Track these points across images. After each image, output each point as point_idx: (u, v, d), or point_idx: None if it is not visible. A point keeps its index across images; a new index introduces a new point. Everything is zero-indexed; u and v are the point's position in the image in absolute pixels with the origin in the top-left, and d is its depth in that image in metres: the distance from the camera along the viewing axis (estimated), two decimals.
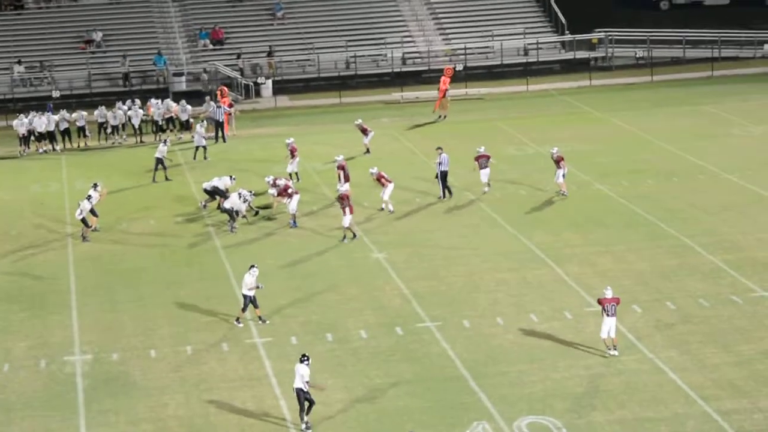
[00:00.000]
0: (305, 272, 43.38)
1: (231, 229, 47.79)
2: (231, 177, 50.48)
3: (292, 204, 48.22)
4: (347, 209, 46.10)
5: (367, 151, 59.51)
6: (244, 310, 38.75)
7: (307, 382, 31.68)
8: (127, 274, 43.94)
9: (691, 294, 40.27)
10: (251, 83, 74.86)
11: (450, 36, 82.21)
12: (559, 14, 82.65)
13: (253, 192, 49.15)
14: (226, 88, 68.53)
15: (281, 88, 75.42)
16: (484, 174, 52.51)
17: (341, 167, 50.95)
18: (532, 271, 43.03)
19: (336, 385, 34.45)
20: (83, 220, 47.02)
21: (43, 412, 33.53)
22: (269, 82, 75.24)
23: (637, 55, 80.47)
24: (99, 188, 48.41)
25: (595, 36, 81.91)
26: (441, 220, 49.13)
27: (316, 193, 52.98)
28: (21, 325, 39.75)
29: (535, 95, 74.01)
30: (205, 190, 50.18)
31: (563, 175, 50.93)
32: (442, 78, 68.63)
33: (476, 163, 52.46)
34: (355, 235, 46.61)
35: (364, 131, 59.98)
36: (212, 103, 65.62)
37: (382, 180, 49.46)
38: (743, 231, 46.15)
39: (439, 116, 67.63)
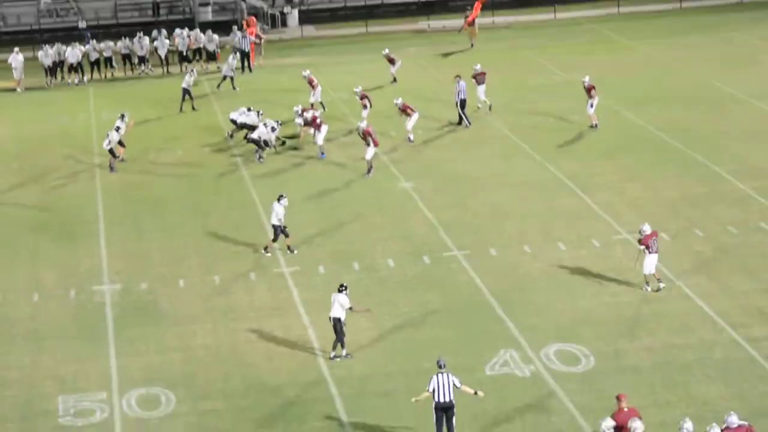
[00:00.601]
0: (332, 202, 43.36)
1: (258, 158, 47.71)
2: (258, 112, 50.14)
3: (320, 135, 48.12)
4: (372, 143, 45.74)
5: (394, 80, 59.29)
6: (274, 240, 38.76)
7: (350, 308, 31.80)
8: (155, 204, 44.00)
9: (719, 221, 40.14)
10: (278, 13, 74.53)
11: None
12: None
13: (279, 122, 49.01)
14: (253, 18, 68.26)
15: (307, 17, 75.09)
16: (481, 90, 53.69)
17: (363, 97, 51.06)
18: (559, 199, 42.92)
19: (363, 314, 34.50)
20: (111, 151, 47.03)
21: (73, 341, 33.73)
22: (295, 11, 74.89)
23: None
24: (126, 119, 48.33)
25: None
26: (468, 149, 48.98)
27: (345, 122, 52.85)
28: (50, 255, 39.91)
29: (563, 23, 73.59)
30: (232, 121, 50.03)
31: (592, 105, 50.39)
32: (476, 3, 67.99)
33: (474, 80, 53.49)
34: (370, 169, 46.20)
35: (392, 61, 59.72)
36: (239, 32, 65.44)
37: (408, 110, 49.23)
38: None
39: (471, 45, 67.27)
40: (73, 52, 62.49)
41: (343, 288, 31.98)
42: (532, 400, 29.69)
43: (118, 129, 47.33)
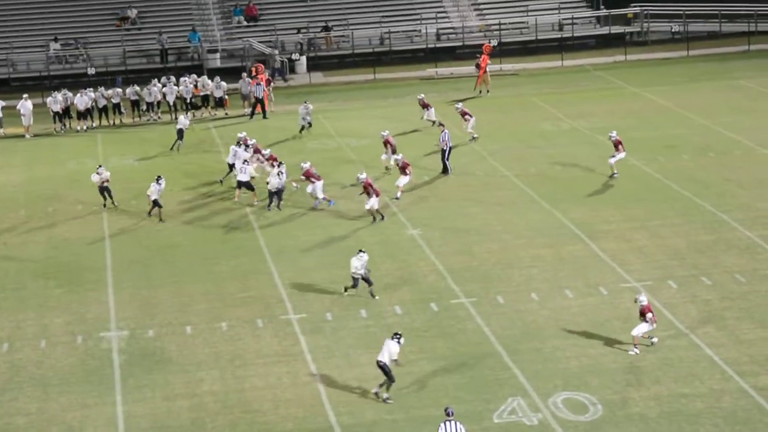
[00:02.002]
0: (339, 248, 43.35)
1: (278, 206, 47.88)
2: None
3: (317, 188, 47.93)
4: (373, 194, 45.49)
5: (433, 123, 58.60)
6: (353, 286, 38.88)
7: (395, 360, 31.88)
8: (163, 251, 44.03)
9: (727, 269, 40.15)
10: (286, 59, 74.84)
11: (484, 11, 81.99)
12: None
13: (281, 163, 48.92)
14: (261, 65, 68.57)
15: (315, 64, 75.39)
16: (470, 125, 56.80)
17: (387, 142, 51.82)
18: (566, 247, 42.94)
19: (371, 361, 34.38)
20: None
21: (80, 387, 33.73)
22: (303, 58, 75.21)
23: (673, 30, 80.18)
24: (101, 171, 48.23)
25: (630, 11, 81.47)
26: (475, 196, 49.05)
27: (354, 168, 52.91)
28: (58, 301, 39.97)
29: (570, 70, 73.84)
30: (239, 181, 49.45)
31: (614, 156, 50.33)
32: (482, 56, 68.42)
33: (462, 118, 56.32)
34: (383, 217, 46.30)
35: (426, 106, 59.44)
36: (247, 79, 65.82)
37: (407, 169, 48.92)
38: None
39: (480, 92, 67.46)
40: (81, 99, 62.80)
41: (398, 336, 32.20)
42: None
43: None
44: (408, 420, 31.33)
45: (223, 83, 65.72)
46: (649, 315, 34.35)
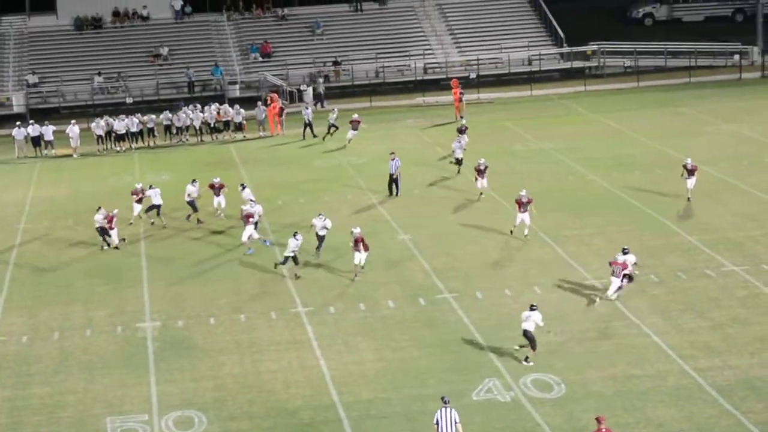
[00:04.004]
0: (341, 253, 43.27)
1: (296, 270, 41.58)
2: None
3: (248, 229, 43.82)
4: (362, 249, 40.43)
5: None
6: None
7: (546, 330, 33.32)
8: (190, 254, 43.90)
9: (671, 269, 40.15)
10: (295, 90, 74.83)
11: (464, 48, 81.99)
12: (558, 29, 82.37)
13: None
14: (275, 95, 68.55)
15: (320, 94, 75.29)
16: (352, 134, 58.74)
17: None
18: (535, 250, 42.92)
19: (368, 347, 34.54)
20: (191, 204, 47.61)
21: (119, 370, 33.73)
22: (310, 89, 75.16)
23: (625, 65, 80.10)
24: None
25: (589, 48, 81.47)
26: (457, 205, 49.02)
27: (351, 185, 52.97)
28: (101, 297, 39.92)
29: (538, 99, 73.72)
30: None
31: (688, 179, 47.95)
32: (453, 90, 68.63)
33: (350, 124, 58.03)
34: (356, 276, 40.64)
35: (462, 131, 57.42)
36: (262, 107, 65.86)
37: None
38: (716, 214, 45.94)
39: (461, 117, 67.47)
40: (120, 124, 62.82)
41: (534, 306, 33.08)
42: (513, 423, 29.65)
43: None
44: (400, 398, 31.32)
45: (242, 110, 65.73)
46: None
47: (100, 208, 44.99)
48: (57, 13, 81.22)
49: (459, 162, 53.94)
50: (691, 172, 47.75)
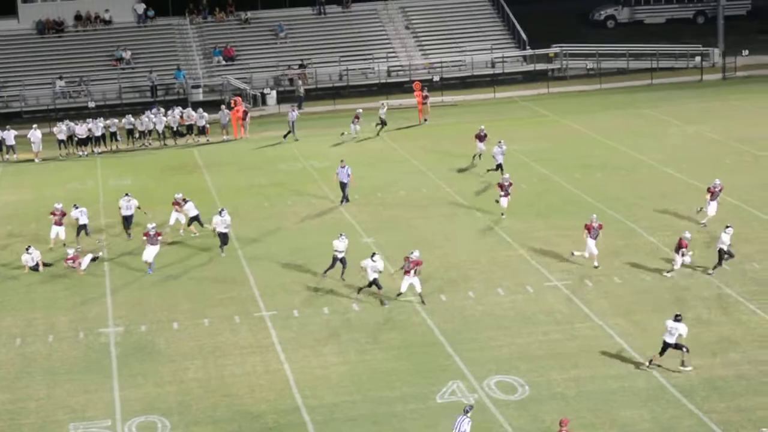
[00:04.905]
0: (305, 257, 43.26)
1: (382, 302, 38.72)
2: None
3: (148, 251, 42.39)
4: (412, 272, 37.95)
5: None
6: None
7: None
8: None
9: (634, 270, 40.28)
10: (258, 93, 74.70)
11: (428, 51, 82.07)
12: (521, 32, 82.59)
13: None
14: (239, 98, 68.41)
15: (284, 97, 75.19)
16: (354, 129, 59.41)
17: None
18: (499, 252, 42.96)
19: (332, 351, 34.47)
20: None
21: (82, 376, 33.51)
22: (274, 92, 75.05)
23: (588, 67, 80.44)
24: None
25: (551, 51, 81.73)
26: (421, 208, 49.04)
27: (317, 186, 52.88)
28: (64, 303, 39.67)
29: (502, 102, 73.87)
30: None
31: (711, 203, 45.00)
32: (415, 93, 68.70)
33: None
34: (423, 302, 38.32)
35: (481, 138, 56.19)
36: (226, 111, 65.70)
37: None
38: (678, 215, 46.14)
39: (425, 120, 67.49)
40: (82, 128, 62.50)
41: (680, 317, 32.08)
42: (477, 425, 29.51)
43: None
44: (365, 401, 31.27)
45: (206, 114, 65.49)
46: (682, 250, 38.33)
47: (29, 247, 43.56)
48: (18, 17, 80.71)
49: (499, 168, 52.25)
50: (714, 195, 44.61)
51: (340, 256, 39.84)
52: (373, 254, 38.36)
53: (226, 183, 54.64)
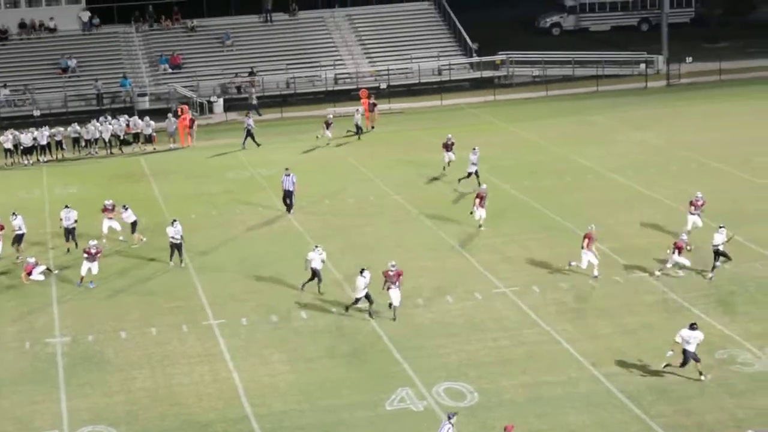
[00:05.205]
0: (254, 264, 43.18)
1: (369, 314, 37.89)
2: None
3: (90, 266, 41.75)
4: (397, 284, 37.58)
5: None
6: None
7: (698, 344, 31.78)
8: (99, 269, 43.27)
9: (581, 276, 40.47)
10: (205, 101, 74.50)
11: (375, 59, 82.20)
12: (468, 39, 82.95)
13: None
14: (185, 106, 68.17)
15: (231, 105, 75.01)
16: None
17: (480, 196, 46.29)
18: (448, 259, 43.05)
19: (281, 359, 34.42)
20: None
21: (29, 386, 33.23)
22: (221, 100, 74.90)
23: (534, 74, 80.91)
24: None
25: (498, 58, 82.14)
26: (370, 216, 49.06)
27: (265, 193, 52.76)
28: (10, 313, 39.31)
29: (448, 109, 74.07)
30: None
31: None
32: (362, 100, 68.78)
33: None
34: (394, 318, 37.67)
35: (448, 147, 55.70)
36: (173, 119, 65.44)
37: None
38: (625, 222, 46.45)
39: (372, 127, 67.53)
40: (26, 137, 62.02)
41: (695, 326, 31.83)
42: None
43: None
44: (313, 409, 31.23)
45: (152, 122, 65.18)
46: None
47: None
48: None
49: (471, 176, 52.33)
50: (696, 207, 44.12)
51: (315, 267, 39.45)
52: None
53: (173, 192, 54.43)
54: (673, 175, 53.69)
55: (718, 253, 39.74)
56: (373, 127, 67.54)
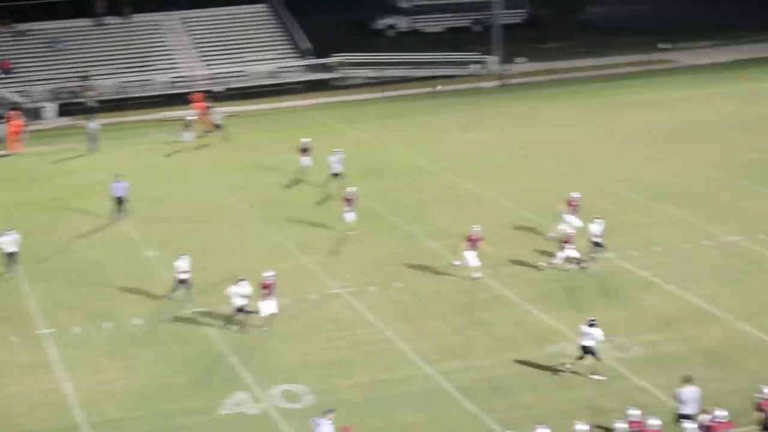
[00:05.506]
0: (85, 270, 42.50)
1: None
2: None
3: None
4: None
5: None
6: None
7: (610, 339, 32.17)
8: None
9: (416, 275, 40.86)
10: (36, 106, 73.02)
11: (210, 62, 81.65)
12: (302, 42, 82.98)
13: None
14: (15, 112, 66.71)
15: (63, 111, 73.64)
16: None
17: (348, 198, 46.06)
18: (285, 261, 42.92)
19: (114, 366, 33.98)
20: None
21: None
22: (53, 105, 73.50)
23: (369, 76, 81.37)
24: None
25: (333, 60, 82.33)
26: (207, 221, 48.66)
27: (103, 196, 51.96)
28: None
29: (284, 111, 73.88)
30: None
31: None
32: (196, 104, 68.20)
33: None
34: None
35: (304, 151, 55.08)
36: (2, 125, 64.03)
37: None
38: (457, 220, 46.93)
39: (208, 131, 66.87)
40: None
41: (594, 322, 31.77)
42: None
43: None
44: (149, 415, 30.97)
45: None
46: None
47: None
48: None
49: (336, 177, 52.01)
50: (574, 208, 43.41)
51: (182, 277, 38.68)
52: (240, 280, 36.80)
53: (3, 199, 53.16)
54: (505, 173, 54.54)
55: (594, 244, 40.66)
56: (208, 132, 66.94)
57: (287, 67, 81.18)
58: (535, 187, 51.27)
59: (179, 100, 75.75)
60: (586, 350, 31.98)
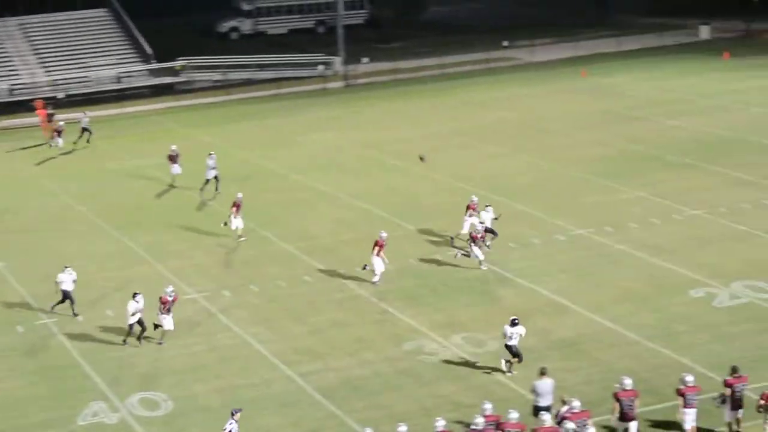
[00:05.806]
0: None
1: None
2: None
3: None
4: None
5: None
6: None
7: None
8: None
9: (271, 278, 40.75)
10: None
11: (51, 68, 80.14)
12: (145, 46, 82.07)
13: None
14: None
15: None
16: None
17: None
18: (135, 267, 42.44)
19: None
20: None
21: None
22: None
23: (215, 79, 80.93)
24: None
25: (177, 63, 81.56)
26: (51, 229, 47.79)
27: None
28: None
29: (129, 116, 72.99)
30: None
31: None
32: (38, 111, 66.90)
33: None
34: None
35: (173, 158, 54.04)
36: None
37: None
38: (311, 222, 47.06)
39: (52, 139, 65.60)
40: None
41: (517, 321, 31.68)
42: None
43: None
44: (7, 429, 30.39)
45: None
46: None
47: None
48: None
49: (209, 182, 51.66)
50: (474, 211, 42.75)
51: (65, 288, 37.60)
52: (135, 294, 35.62)
53: None
54: (354, 173, 54.77)
55: (486, 230, 41.29)
56: (52, 138, 65.71)
57: (131, 71, 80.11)
58: (387, 185, 51.62)
59: (20, 107, 74.31)
60: (510, 350, 32.13)
